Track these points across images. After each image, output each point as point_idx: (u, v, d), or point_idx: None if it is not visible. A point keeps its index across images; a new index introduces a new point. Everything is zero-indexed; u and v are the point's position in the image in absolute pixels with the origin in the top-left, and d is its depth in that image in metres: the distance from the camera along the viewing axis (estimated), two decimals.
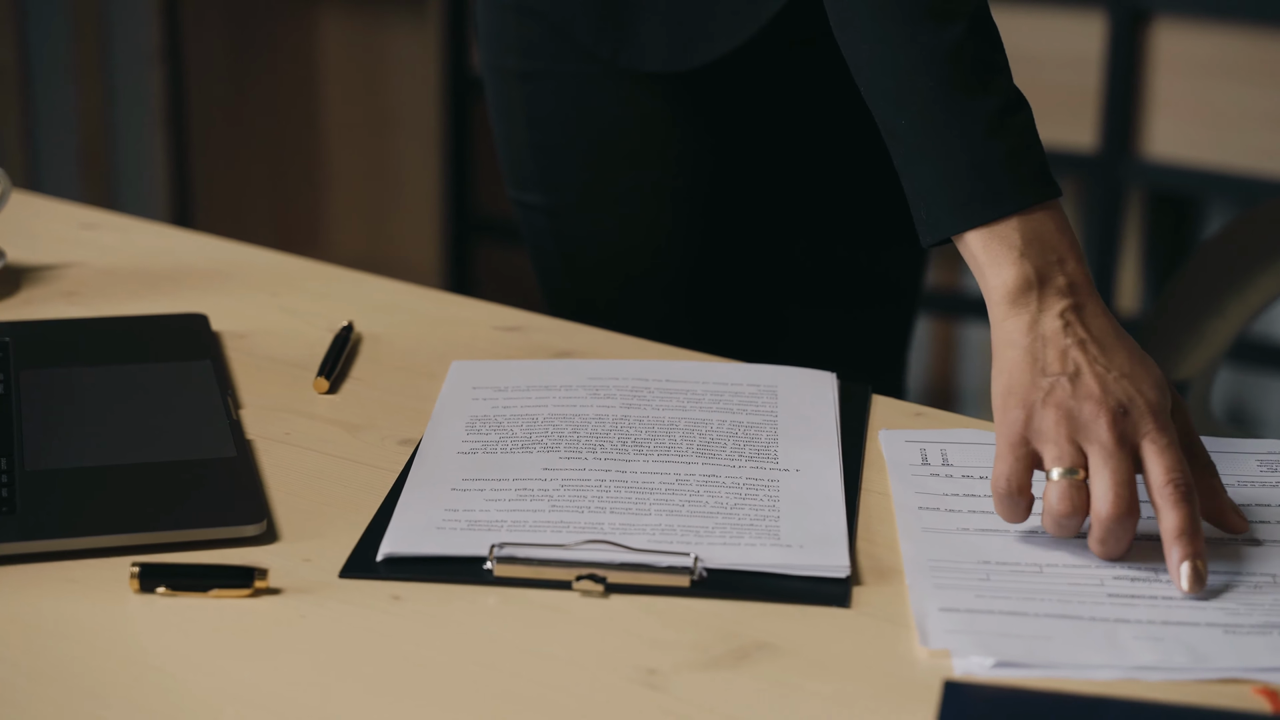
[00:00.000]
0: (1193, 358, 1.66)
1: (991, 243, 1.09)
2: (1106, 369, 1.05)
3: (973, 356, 3.26)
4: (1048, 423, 1.04)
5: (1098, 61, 2.87)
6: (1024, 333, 1.07)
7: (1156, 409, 1.03)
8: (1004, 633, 0.95)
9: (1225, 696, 0.91)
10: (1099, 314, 1.07)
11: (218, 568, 1.00)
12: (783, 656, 0.95)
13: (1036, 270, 1.07)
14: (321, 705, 0.90)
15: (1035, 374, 1.05)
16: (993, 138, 1.09)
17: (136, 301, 1.40)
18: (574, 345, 1.34)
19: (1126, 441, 1.02)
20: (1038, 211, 1.09)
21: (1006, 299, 1.08)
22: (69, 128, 3.37)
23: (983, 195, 1.09)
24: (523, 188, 1.52)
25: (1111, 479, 1.01)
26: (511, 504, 1.09)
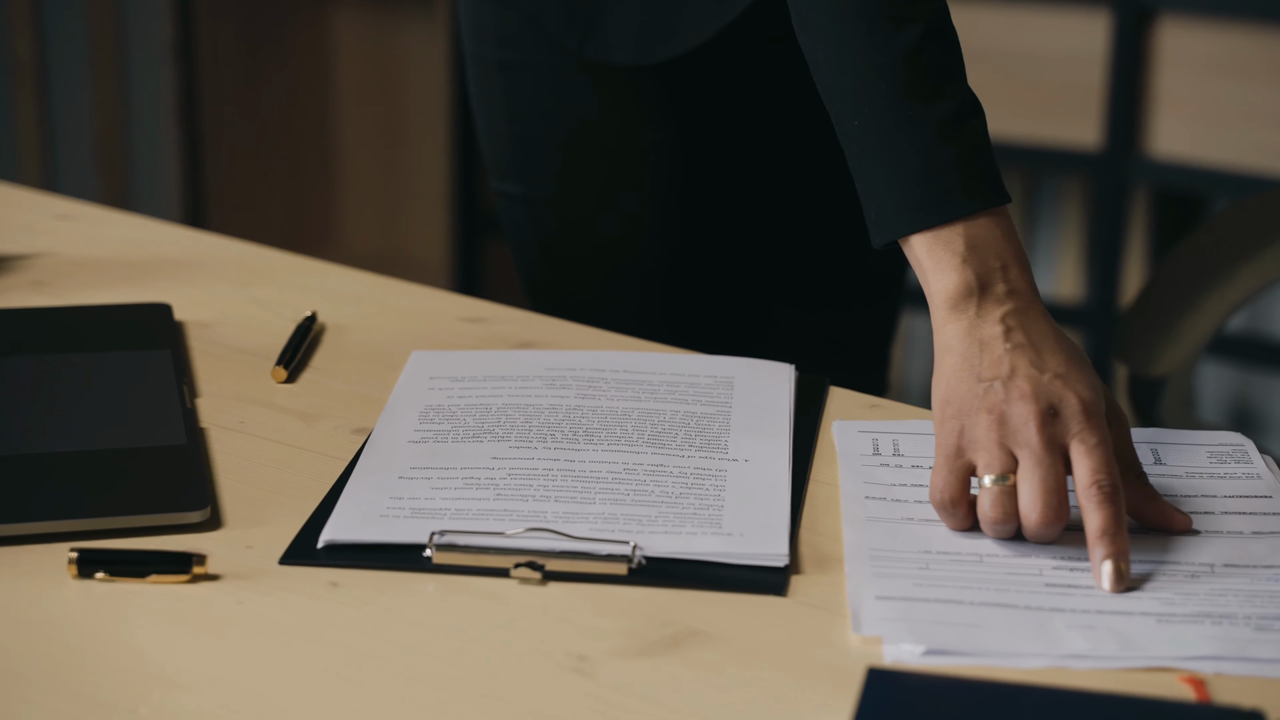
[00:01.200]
0: (1171, 354, 1.65)
1: (935, 248, 1.09)
2: (1040, 370, 1.05)
3: None
4: (980, 429, 1.04)
5: (1102, 59, 2.86)
6: (962, 338, 1.07)
7: (1088, 410, 1.03)
8: (937, 620, 0.95)
9: (1152, 685, 0.91)
10: (1039, 319, 1.07)
11: (156, 553, 1.01)
12: (714, 644, 0.95)
13: (978, 277, 1.08)
14: (250, 689, 0.90)
15: (971, 381, 1.06)
16: (943, 144, 1.09)
17: (105, 291, 1.41)
18: (537, 336, 1.34)
19: (1055, 444, 1.03)
20: (984, 218, 1.09)
21: (947, 304, 1.08)
22: (85, 124, 3.39)
23: (929, 200, 1.09)
24: (503, 177, 1.53)
25: (1039, 487, 1.02)
26: (457, 492, 1.09)
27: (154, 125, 3.41)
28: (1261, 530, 1.05)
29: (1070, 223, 3.13)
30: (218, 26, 3.46)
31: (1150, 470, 1.12)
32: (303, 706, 0.89)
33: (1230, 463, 1.13)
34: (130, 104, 3.40)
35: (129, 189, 3.45)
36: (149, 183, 3.45)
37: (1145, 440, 1.16)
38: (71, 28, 3.34)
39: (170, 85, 3.38)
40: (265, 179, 3.62)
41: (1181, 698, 0.89)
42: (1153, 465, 1.13)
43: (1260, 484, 1.11)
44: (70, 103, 3.37)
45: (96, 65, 3.36)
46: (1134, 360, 1.67)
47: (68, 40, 3.34)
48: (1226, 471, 1.12)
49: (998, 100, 2.95)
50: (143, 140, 3.43)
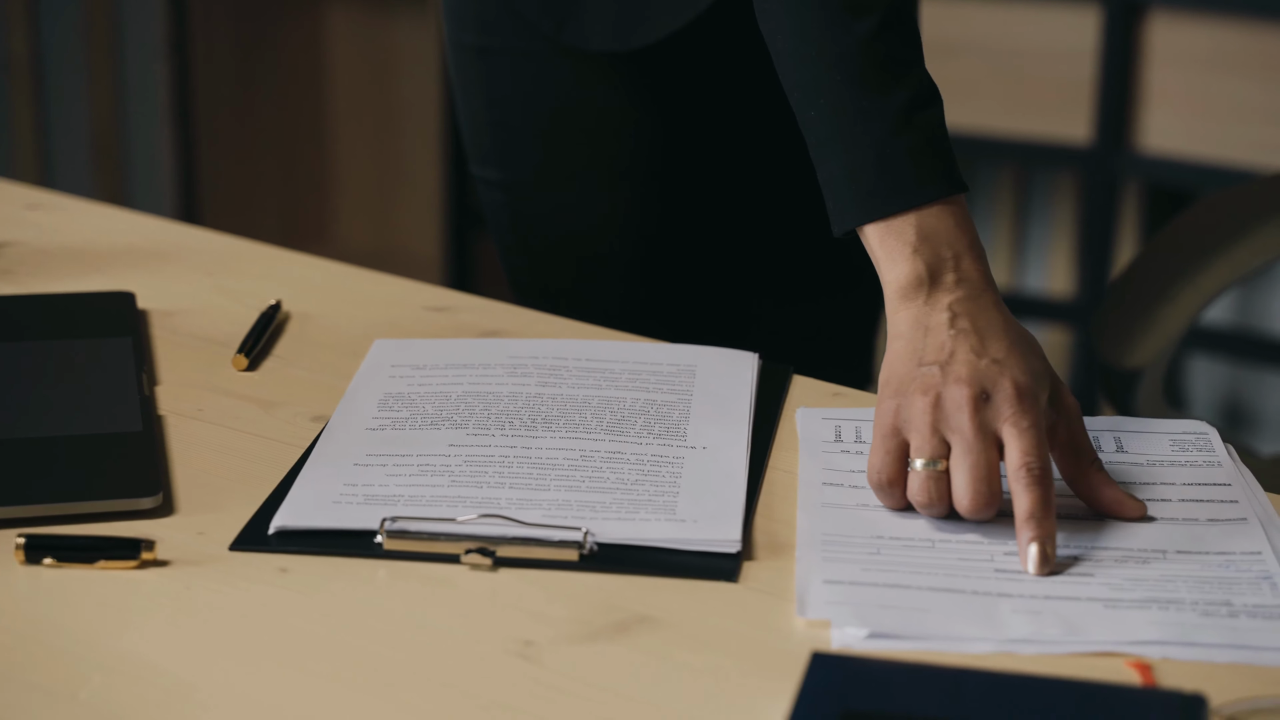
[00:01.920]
0: (1145, 346, 1.65)
1: (888, 238, 1.10)
2: (979, 356, 1.05)
3: None
4: (915, 411, 1.04)
5: (1092, 54, 2.86)
6: (910, 325, 1.08)
7: (1020, 394, 1.03)
8: (883, 605, 0.95)
9: (1099, 670, 0.90)
10: (988, 308, 1.08)
11: (103, 539, 1.00)
12: (662, 629, 0.95)
13: (928, 266, 1.08)
14: (192, 674, 0.90)
15: (912, 364, 1.06)
16: (897, 134, 1.10)
17: (71, 280, 1.40)
18: (502, 325, 1.34)
19: (987, 429, 1.02)
20: (937, 208, 1.10)
21: (898, 293, 1.09)
22: (81, 121, 3.39)
23: (882, 191, 1.10)
24: (483, 163, 1.52)
25: (970, 473, 1.02)
26: (411, 479, 1.09)
27: (149, 122, 3.41)
28: (1217, 517, 1.04)
29: (1061, 218, 3.12)
30: (212, 23, 3.46)
31: (1112, 458, 1.12)
32: (245, 691, 0.89)
33: (1192, 451, 1.13)
34: (126, 101, 3.40)
35: (125, 185, 3.45)
36: (144, 179, 3.45)
37: (1109, 428, 1.16)
38: (67, 25, 3.34)
39: (164, 82, 3.38)
40: (259, 175, 3.62)
41: (1128, 682, 0.89)
42: (1115, 453, 1.12)
43: (1220, 472, 1.10)
44: (66, 100, 3.37)
45: (92, 62, 3.36)
46: (1109, 352, 1.66)
47: (63, 37, 3.34)
48: (1187, 459, 1.12)
49: (988, 95, 2.94)
50: (138, 137, 3.42)
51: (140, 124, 3.41)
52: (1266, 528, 1.03)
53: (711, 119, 1.52)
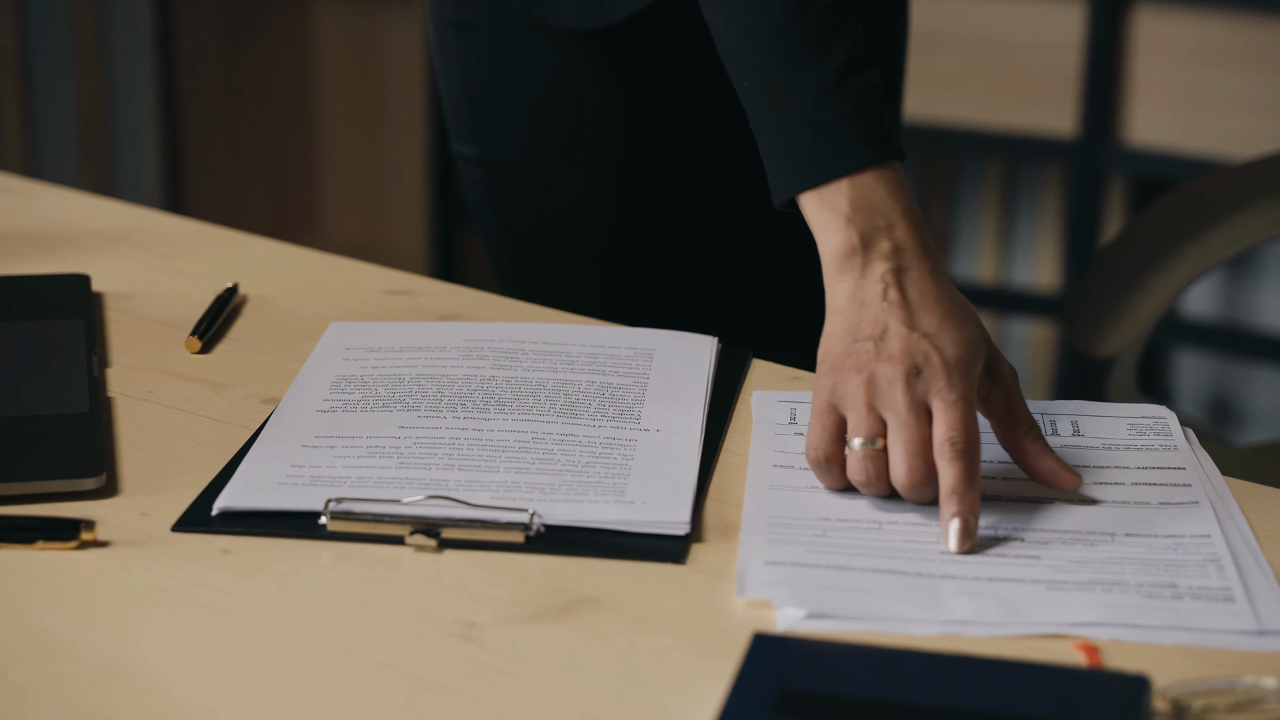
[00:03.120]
0: (1118, 334, 1.64)
1: (821, 208, 1.09)
2: (911, 329, 1.04)
3: None
4: (850, 389, 1.04)
5: (1078, 47, 2.85)
6: (846, 298, 1.07)
7: (950, 366, 1.02)
8: (824, 586, 0.94)
9: (1045, 651, 0.89)
10: (924, 277, 1.06)
11: (43, 519, 0.99)
12: (605, 611, 0.94)
13: (861, 235, 1.07)
14: (127, 655, 0.89)
15: (848, 340, 1.05)
16: (826, 102, 1.09)
17: (27, 263, 1.39)
18: (461, 309, 1.33)
19: (920, 404, 1.02)
20: (870, 175, 1.08)
21: (833, 265, 1.08)
22: (68, 114, 3.38)
23: (813, 160, 1.09)
24: (460, 139, 1.51)
25: (905, 449, 1.01)
26: (359, 461, 1.08)
27: (136, 115, 3.40)
28: (1169, 501, 1.03)
29: (1047, 211, 3.11)
30: (198, 17, 3.45)
31: (1068, 441, 1.11)
32: (179, 672, 0.88)
33: (1149, 435, 1.12)
34: (112, 94, 3.39)
35: (112, 178, 3.44)
36: (132, 172, 3.44)
37: (1067, 412, 1.15)
38: (54, 18, 3.33)
39: (151, 75, 3.37)
40: (246, 168, 3.61)
41: (1073, 664, 0.88)
42: (1071, 436, 1.11)
43: (1176, 456, 1.09)
44: (53, 92, 3.36)
45: (79, 54, 3.35)
46: (1080, 340, 1.65)
47: (50, 30, 3.33)
48: (1144, 443, 1.11)
49: (974, 88, 2.93)
50: (125, 130, 3.41)
51: (127, 117, 3.40)
52: (1218, 511, 1.02)
53: (688, 97, 1.50)
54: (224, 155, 3.55)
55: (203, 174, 3.51)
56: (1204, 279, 2.99)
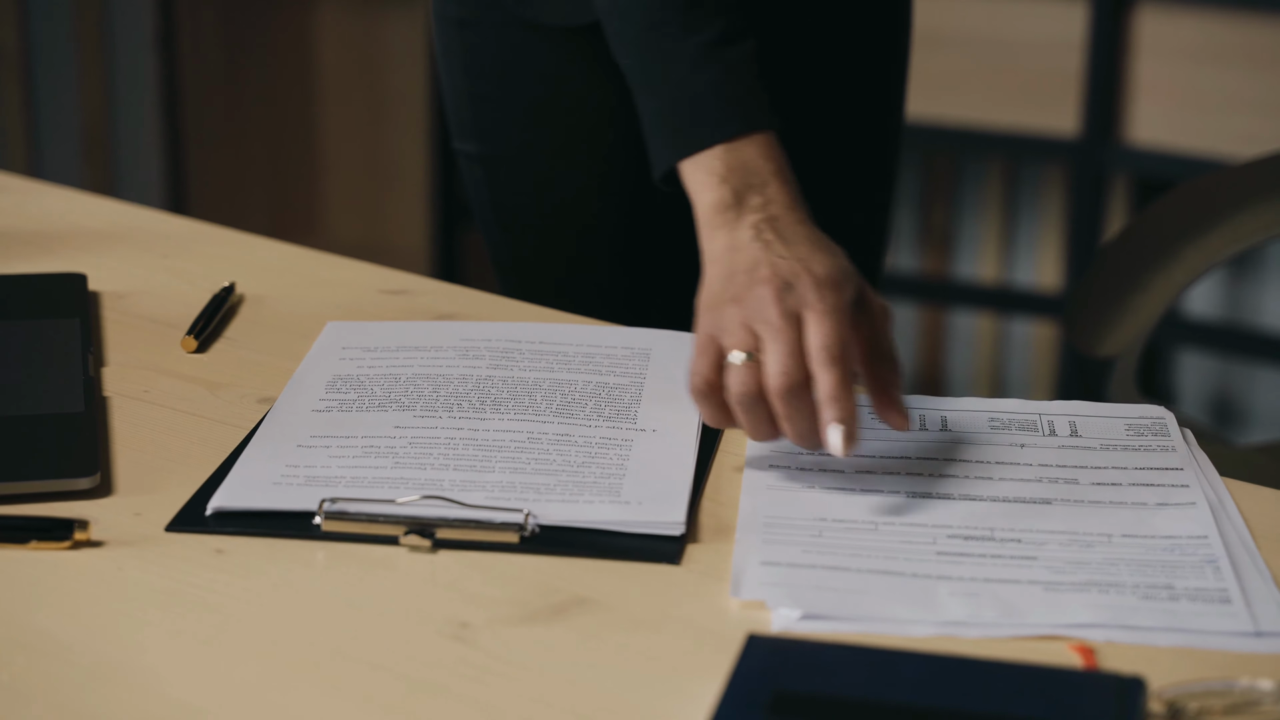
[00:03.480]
0: (1118, 334, 1.63)
1: (697, 172, 1.13)
2: (782, 256, 1.07)
3: (961, 343, 3.23)
4: (727, 316, 1.06)
5: (1080, 46, 2.84)
6: (722, 249, 1.10)
7: (821, 281, 1.05)
8: (819, 586, 0.94)
9: (1041, 653, 0.89)
10: (794, 224, 1.10)
11: (37, 519, 0.99)
12: (600, 612, 0.93)
13: (735, 192, 1.12)
14: (119, 655, 0.89)
15: (724, 281, 1.08)
16: (696, 73, 1.14)
17: (23, 262, 1.39)
18: (458, 308, 1.33)
19: (792, 315, 1.04)
20: (743, 142, 1.13)
21: (707, 221, 1.12)
22: (70, 114, 3.37)
23: (685, 130, 1.14)
24: (462, 136, 1.51)
25: (778, 354, 1.03)
26: (354, 461, 1.08)
27: (138, 115, 3.39)
28: (1166, 502, 1.03)
29: (1049, 211, 3.11)
30: (200, 16, 3.45)
31: (1065, 441, 1.10)
32: (171, 672, 0.88)
33: (1147, 435, 1.11)
34: (115, 94, 3.39)
35: (115, 177, 3.43)
36: (133, 171, 3.43)
37: (1065, 413, 1.14)
38: (57, 17, 3.32)
39: (153, 75, 3.37)
40: (248, 168, 3.61)
41: (1068, 665, 0.88)
42: (1069, 436, 1.11)
43: (1173, 456, 1.09)
44: (55, 92, 3.36)
45: (81, 54, 3.35)
46: (1081, 340, 1.64)
47: (53, 30, 3.33)
48: (1142, 444, 1.10)
49: (975, 88, 2.93)
50: (127, 130, 3.41)
51: (129, 117, 3.40)
52: (1215, 512, 1.01)
53: None
54: (225, 154, 3.55)
55: (204, 173, 3.51)
56: (1206, 279, 2.99)
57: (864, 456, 1.08)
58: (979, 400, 1.15)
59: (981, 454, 1.08)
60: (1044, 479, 1.06)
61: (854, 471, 1.07)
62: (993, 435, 1.11)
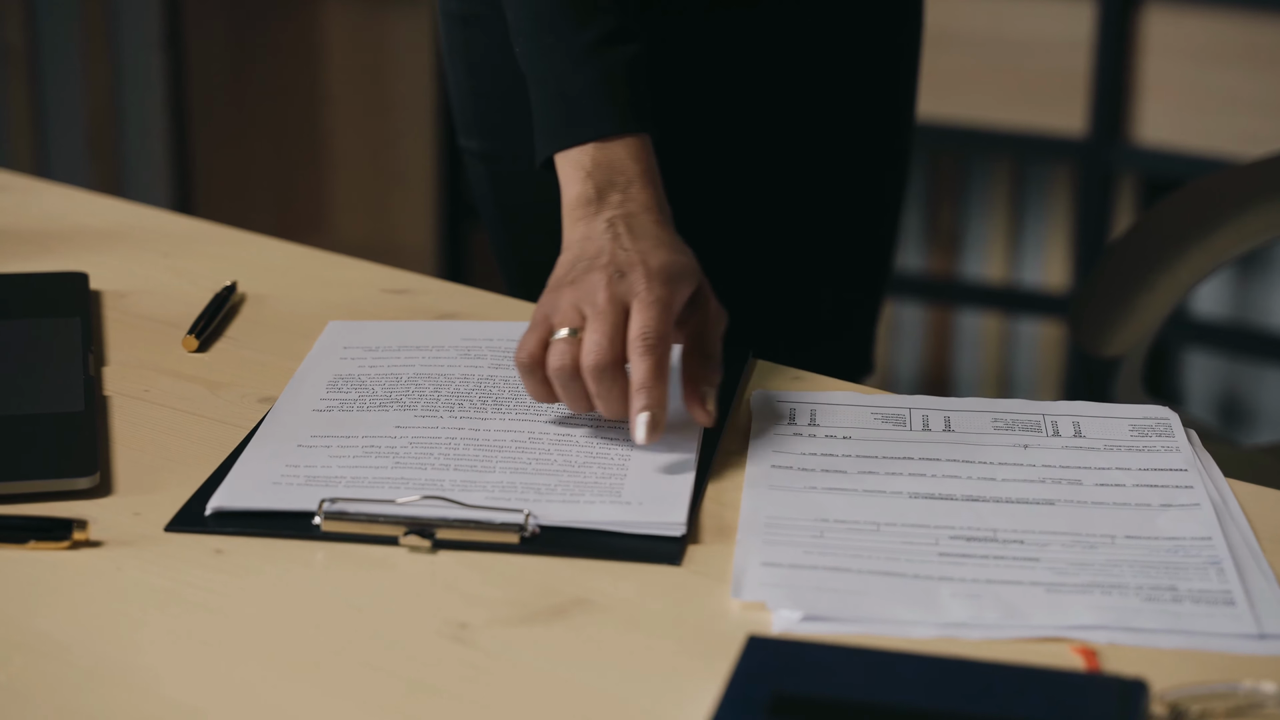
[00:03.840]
0: (1124, 334, 1.62)
1: (566, 165, 1.17)
2: (625, 249, 1.12)
3: (968, 343, 3.23)
4: (562, 297, 1.10)
5: (1087, 46, 2.83)
6: (577, 238, 1.14)
7: (652, 273, 1.10)
8: (820, 587, 0.93)
9: (1043, 655, 0.88)
10: (649, 223, 1.14)
11: (36, 519, 0.98)
12: (599, 613, 0.93)
13: (597, 188, 1.16)
14: (116, 655, 0.89)
15: (569, 267, 1.13)
16: (578, 71, 1.18)
17: (26, 261, 1.38)
18: (460, 308, 1.32)
19: (617, 301, 1.09)
20: (615, 142, 1.17)
21: (570, 213, 1.16)
22: (76, 112, 3.37)
23: (561, 125, 1.18)
24: (466, 134, 1.51)
25: (594, 333, 1.07)
26: (355, 460, 1.07)
27: (145, 113, 3.39)
28: (1170, 503, 1.02)
29: (1057, 211, 3.10)
30: (207, 15, 3.45)
31: (1069, 442, 1.10)
32: (167, 672, 0.87)
33: (1151, 436, 1.11)
34: (122, 92, 3.38)
35: (121, 176, 3.43)
36: (140, 170, 3.43)
37: (1069, 413, 1.14)
38: (63, 15, 3.32)
39: (160, 73, 3.36)
40: (254, 167, 3.61)
41: (1070, 667, 0.87)
42: (1072, 437, 1.10)
43: (1178, 458, 1.08)
44: (61, 91, 3.36)
45: (88, 53, 3.35)
46: (1086, 340, 1.64)
47: (59, 28, 3.32)
48: (1146, 445, 1.10)
49: (983, 88, 2.92)
50: (134, 128, 3.41)
51: (136, 115, 3.39)
52: (1219, 513, 1.01)
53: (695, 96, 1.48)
54: (231, 153, 3.55)
55: (210, 172, 3.51)
56: (1213, 278, 2.98)
57: (866, 457, 1.08)
58: (982, 400, 1.15)
59: (985, 455, 1.08)
60: (1047, 480, 1.05)
61: (856, 472, 1.06)
62: (996, 436, 1.10)
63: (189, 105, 3.43)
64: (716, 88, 1.46)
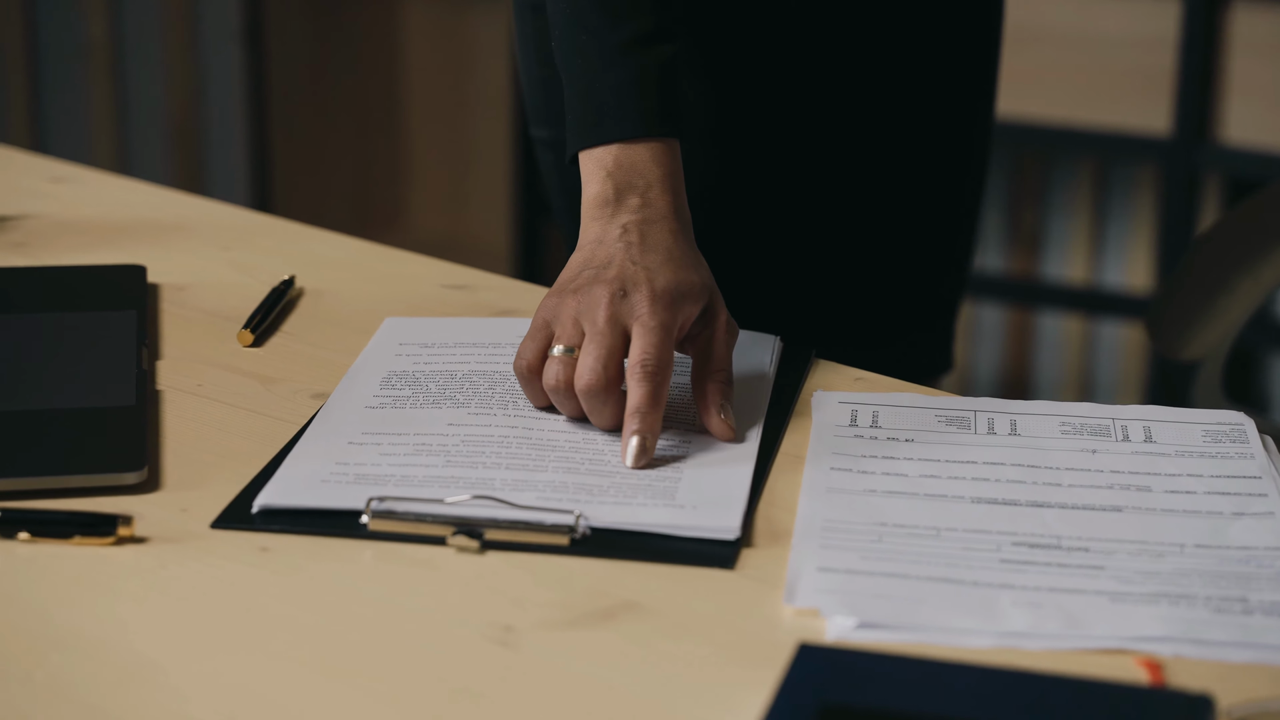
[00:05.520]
0: (1204, 336, 1.58)
1: (588, 163, 1.17)
2: (633, 263, 1.11)
3: (1048, 346, 3.18)
4: (564, 307, 1.10)
5: (1173, 43, 2.78)
6: (591, 239, 1.14)
7: (656, 295, 1.09)
8: (877, 594, 0.90)
9: (1105, 667, 0.85)
10: (664, 232, 1.14)
11: (79, 514, 0.97)
12: (647, 617, 0.91)
13: (616, 189, 1.15)
14: (155, 655, 0.87)
15: (578, 270, 1.12)
16: (608, 71, 1.17)
17: (86, 253, 1.38)
18: (519, 304, 1.30)
19: (617, 322, 1.08)
20: (640, 144, 1.16)
21: (588, 212, 1.16)
22: (158, 107, 3.38)
23: (588, 124, 1.17)
24: (536, 122, 1.49)
25: (591, 356, 1.07)
26: (405, 458, 1.05)
27: (225, 108, 3.39)
28: (1243, 511, 0.99)
29: (1141, 212, 3.05)
30: (287, 11, 3.45)
31: (1139, 448, 1.06)
32: (205, 672, 0.86)
33: (1225, 442, 1.07)
34: (203, 87, 3.39)
35: (202, 170, 3.44)
36: (220, 164, 3.43)
37: (1139, 417, 1.10)
38: (145, 10, 3.33)
39: (240, 69, 3.37)
40: (332, 161, 3.60)
41: (1134, 681, 0.84)
42: (1143, 442, 1.07)
43: (1252, 464, 1.04)
44: (143, 85, 3.37)
45: (169, 47, 3.36)
46: (1164, 343, 1.60)
47: (141, 23, 3.33)
48: (1219, 450, 1.06)
49: (1065, 86, 2.88)
50: (215, 122, 3.41)
51: (217, 109, 3.40)
52: None
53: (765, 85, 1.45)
54: (310, 148, 3.55)
55: (289, 167, 3.51)
56: None
57: (928, 460, 1.05)
58: (1050, 404, 1.11)
59: (1051, 459, 1.04)
60: (1115, 485, 1.02)
61: (917, 475, 1.03)
62: (1063, 440, 1.07)
63: (268, 100, 3.43)
64: (795, 79, 1.43)
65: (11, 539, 0.97)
